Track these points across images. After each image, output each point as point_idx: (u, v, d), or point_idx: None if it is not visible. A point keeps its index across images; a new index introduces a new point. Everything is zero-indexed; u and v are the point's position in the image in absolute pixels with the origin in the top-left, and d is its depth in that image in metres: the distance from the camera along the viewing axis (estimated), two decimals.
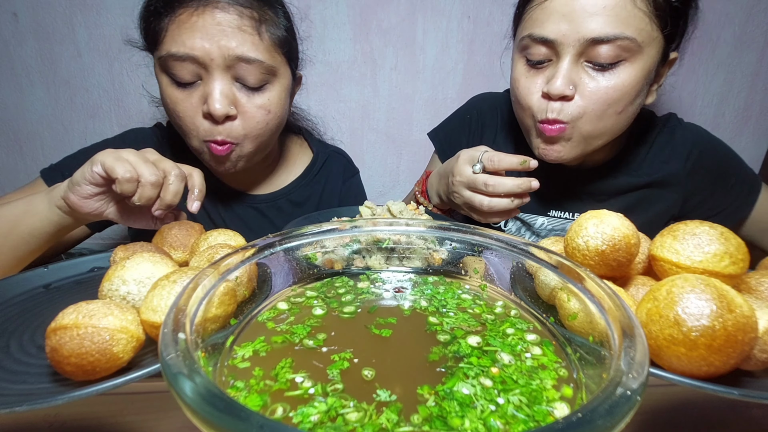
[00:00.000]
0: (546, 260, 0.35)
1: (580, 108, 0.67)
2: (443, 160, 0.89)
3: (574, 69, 0.66)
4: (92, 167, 0.57)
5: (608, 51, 0.64)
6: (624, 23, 0.63)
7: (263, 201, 0.90)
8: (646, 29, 0.64)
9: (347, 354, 0.31)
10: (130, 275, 0.41)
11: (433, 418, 0.25)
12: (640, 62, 0.66)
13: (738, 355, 0.32)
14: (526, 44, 0.70)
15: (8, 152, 1.18)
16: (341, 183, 0.98)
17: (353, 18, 1.13)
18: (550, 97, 0.68)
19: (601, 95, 0.66)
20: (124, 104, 1.16)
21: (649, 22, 0.64)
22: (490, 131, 0.93)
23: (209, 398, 0.20)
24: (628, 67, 0.65)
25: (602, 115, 0.67)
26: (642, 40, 0.64)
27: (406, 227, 0.43)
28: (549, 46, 0.67)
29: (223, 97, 0.69)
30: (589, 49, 0.65)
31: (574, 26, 0.64)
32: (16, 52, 1.09)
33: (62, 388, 0.34)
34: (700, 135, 0.86)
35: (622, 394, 0.21)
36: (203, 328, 0.28)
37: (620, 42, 0.63)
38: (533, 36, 0.68)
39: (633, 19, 0.63)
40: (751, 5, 1.18)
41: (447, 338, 0.33)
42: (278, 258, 0.38)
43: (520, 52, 0.72)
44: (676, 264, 0.40)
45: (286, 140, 0.97)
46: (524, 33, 0.70)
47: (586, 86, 0.66)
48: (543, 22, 0.66)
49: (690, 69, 1.23)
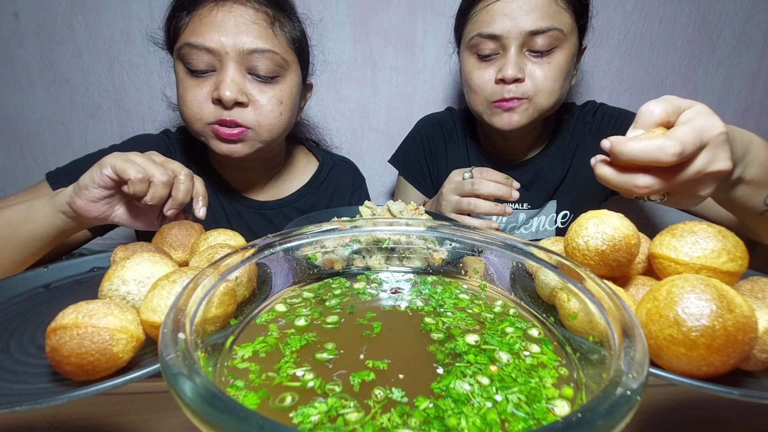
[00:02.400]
0: (546, 260, 0.35)
1: (532, 87, 0.83)
2: (408, 179, 1.07)
3: (520, 57, 0.82)
4: (102, 170, 0.57)
5: (543, 40, 0.80)
6: (552, 18, 0.80)
7: (270, 208, 0.91)
8: (568, 21, 0.82)
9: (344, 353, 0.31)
10: (130, 275, 0.41)
11: (430, 419, 0.25)
12: (566, 48, 0.83)
13: (738, 355, 0.32)
14: (476, 42, 0.84)
15: (8, 152, 1.18)
16: (350, 193, 1.00)
17: (353, 18, 1.13)
18: (505, 82, 0.82)
19: (547, 74, 0.82)
20: (124, 104, 1.16)
21: (569, 16, 0.82)
22: (440, 145, 1.06)
23: (209, 398, 0.20)
24: (559, 52, 0.82)
25: (552, 90, 0.83)
26: (567, 31, 0.81)
27: (406, 227, 0.43)
28: (496, 41, 0.82)
29: (233, 83, 0.71)
30: (529, 40, 0.80)
31: (515, 23, 0.79)
32: (17, 52, 1.09)
33: (62, 388, 0.34)
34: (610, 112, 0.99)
35: (622, 394, 0.21)
36: (203, 328, 0.28)
37: (551, 32, 0.80)
38: (482, 34, 0.82)
39: (558, 14, 0.80)
40: (751, 5, 1.18)
41: (442, 336, 0.33)
42: (278, 258, 0.38)
43: (470, 50, 0.86)
44: (674, 261, 0.40)
45: (292, 149, 0.98)
46: (473, 33, 0.84)
47: (534, 70, 0.82)
48: (489, 22, 0.81)
49: (690, 69, 1.23)
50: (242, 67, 0.72)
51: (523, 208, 1.00)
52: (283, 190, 0.94)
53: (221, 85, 0.70)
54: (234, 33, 0.70)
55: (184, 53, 0.72)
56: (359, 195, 1.02)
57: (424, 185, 1.06)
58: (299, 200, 0.94)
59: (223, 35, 0.70)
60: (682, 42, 1.20)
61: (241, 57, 0.71)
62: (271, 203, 0.92)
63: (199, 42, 0.70)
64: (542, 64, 0.82)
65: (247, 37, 0.71)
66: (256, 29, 0.72)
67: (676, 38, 1.20)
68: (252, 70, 0.73)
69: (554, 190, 0.99)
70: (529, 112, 0.85)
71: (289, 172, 0.96)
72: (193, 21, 0.72)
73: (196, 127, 0.76)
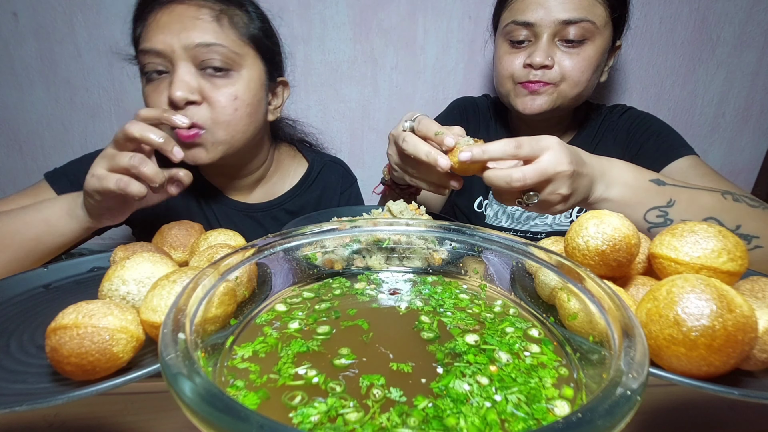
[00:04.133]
0: (546, 260, 0.35)
1: (559, 74, 0.84)
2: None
3: (551, 45, 0.84)
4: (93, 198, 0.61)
5: (575, 31, 0.82)
6: (586, 9, 0.81)
7: (259, 210, 0.91)
8: (602, 15, 0.83)
9: (345, 351, 0.31)
10: (129, 275, 0.41)
11: (429, 418, 0.25)
12: (598, 41, 0.84)
13: (738, 355, 0.32)
14: (510, 29, 0.86)
15: (8, 152, 1.18)
16: (339, 193, 1.00)
17: (353, 18, 1.13)
18: (533, 67, 0.84)
19: (575, 64, 0.84)
20: (124, 104, 1.16)
21: (603, 10, 0.83)
22: (476, 125, 1.07)
23: (209, 398, 0.20)
24: (590, 44, 0.84)
25: (578, 80, 0.85)
26: (599, 24, 0.83)
27: (406, 227, 0.43)
28: (529, 29, 0.84)
29: (182, 83, 0.70)
30: (561, 29, 0.82)
31: (548, 12, 0.82)
32: (16, 51, 1.09)
33: (62, 388, 0.34)
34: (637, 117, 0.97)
35: (622, 394, 0.20)
36: (203, 328, 0.28)
37: (584, 24, 0.81)
38: (517, 21, 0.85)
39: (592, 6, 0.82)
40: (751, 5, 1.18)
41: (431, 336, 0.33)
42: (278, 258, 0.38)
43: (504, 36, 0.89)
44: (674, 260, 0.40)
45: (280, 150, 0.97)
46: (508, 20, 0.87)
47: (563, 59, 0.84)
48: (524, 10, 0.84)
49: (690, 69, 1.23)
50: (192, 65, 0.71)
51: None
52: (273, 192, 0.94)
53: (171, 85, 0.70)
54: (178, 31, 0.70)
55: (140, 61, 0.74)
56: (349, 195, 1.01)
57: None
58: (288, 202, 0.94)
59: (168, 35, 0.70)
60: (682, 42, 1.20)
61: (188, 53, 0.70)
62: (260, 205, 0.92)
63: (148, 46, 0.71)
64: (572, 55, 0.84)
65: (192, 32, 0.70)
66: (200, 24, 0.71)
67: (676, 38, 1.20)
68: (203, 65, 0.72)
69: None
70: (553, 97, 0.86)
71: (278, 174, 0.96)
72: (145, 29, 0.73)
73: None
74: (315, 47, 1.15)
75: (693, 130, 1.30)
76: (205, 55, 0.71)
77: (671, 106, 1.27)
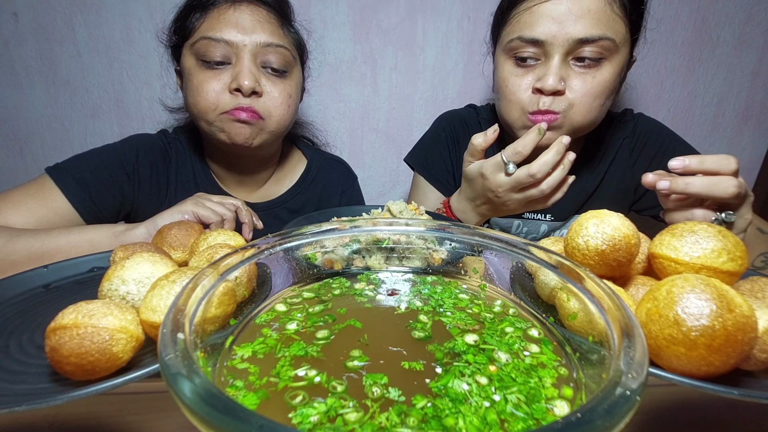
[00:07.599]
0: (546, 260, 0.35)
1: (570, 101, 0.74)
2: (429, 179, 0.98)
3: (563, 67, 0.73)
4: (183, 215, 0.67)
5: (592, 50, 0.71)
6: (605, 26, 0.71)
7: (261, 209, 0.92)
8: (621, 31, 0.73)
9: (357, 353, 0.31)
10: (129, 275, 0.41)
11: (428, 418, 0.25)
12: (616, 60, 0.74)
13: (738, 355, 0.32)
14: (515, 45, 0.75)
15: (8, 152, 1.18)
16: (340, 192, 1.01)
17: (353, 18, 1.13)
18: (542, 92, 0.74)
19: (588, 89, 0.73)
20: (124, 104, 1.16)
21: (623, 26, 0.73)
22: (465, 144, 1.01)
23: (208, 399, 0.20)
24: (608, 65, 0.73)
25: (590, 107, 0.75)
26: (619, 41, 0.73)
27: (405, 227, 0.43)
28: (539, 46, 0.73)
29: (251, 74, 0.78)
30: (576, 48, 0.72)
31: (562, 28, 0.71)
32: (16, 51, 1.09)
33: (62, 388, 0.34)
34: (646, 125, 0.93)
35: (621, 394, 0.20)
36: (202, 328, 0.28)
37: (602, 42, 0.71)
38: (523, 38, 0.74)
39: (612, 22, 0.71)
40: (751, 5, 1.18)
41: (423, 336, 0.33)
42: (278, 258, 0.38)
43: (507, 53, 0.78)
44: (674, 260, 0.40)
45: (286, 149, 0.99)
46: (513, 35, 0.75)
47: (575, 82, 0.73)
48: (532, 24, 0.73)
49: (690, 69, 1.23)
50: (257, 60, 0.79)
51: (546, 219, 0.95)
52: (274, 191, 0.96)
53: (240, 74, 0.76)
54: (251, 29, 0.78)
55: (200, 46, 0.78)
56: (350, 194, 1.02)
57: (446, 186, 0.97)
58: (290, 201, 0.95)
59: (240, 30, 0.77)
60: (682, 42, 1.20)
61: (257, 50, 0.78)
62: (263, 204, 0.93)
63: (218, 36, 0.76)
64: (586, 77, 0.73)
65: (262, 32, 0.78)
66: (270, 27, 0.80)
67: (676, 38, 1.20)
68: (265, 64, 0.80)
69: (582, 204, 0.93)
70: (561, 131, 0.77)
71: (281, 173, 0.98)
72: (209, 18, 0.78)
73: (210, 117, 0.79)
74: (315, 47, 1.15)
75: (693, 130, 1.30)
76: (270, 55, 0.80)
77: (671, 106, 1.27)
